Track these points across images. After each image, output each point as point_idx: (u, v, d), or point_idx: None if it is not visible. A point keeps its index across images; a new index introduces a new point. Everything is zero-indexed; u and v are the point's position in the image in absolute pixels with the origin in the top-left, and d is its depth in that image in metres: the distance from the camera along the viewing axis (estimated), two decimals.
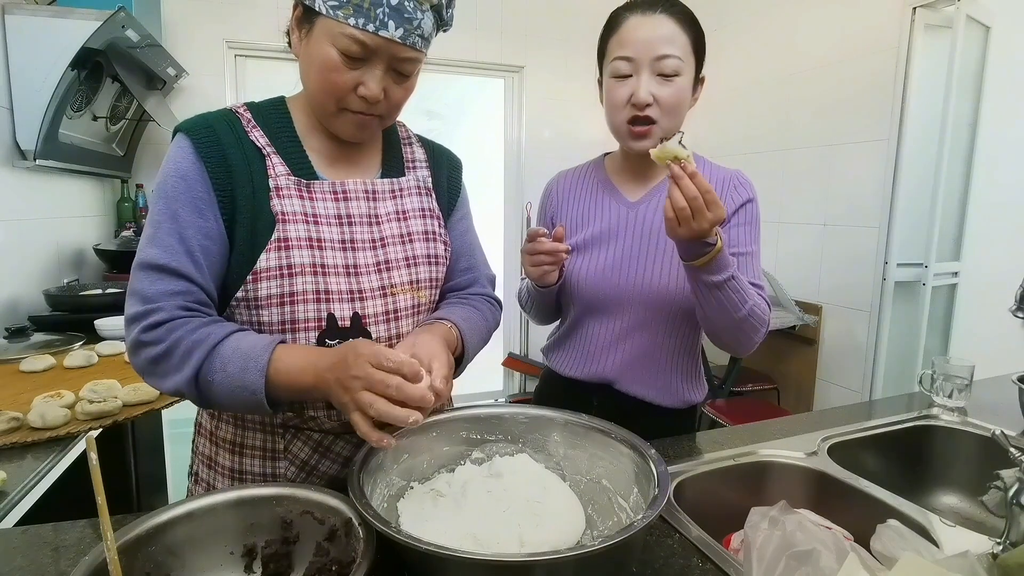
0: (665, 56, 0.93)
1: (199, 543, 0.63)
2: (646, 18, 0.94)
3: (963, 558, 0.60)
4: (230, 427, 0.85)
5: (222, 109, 0.82)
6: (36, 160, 1.93)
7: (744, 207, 1.04)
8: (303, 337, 0.79)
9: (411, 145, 0.95)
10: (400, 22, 0.72)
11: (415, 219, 0.89)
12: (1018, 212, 2.39)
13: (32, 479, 0.99)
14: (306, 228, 0.79)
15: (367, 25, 0.70)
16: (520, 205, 3.65)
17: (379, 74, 0.75)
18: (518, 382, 3.86)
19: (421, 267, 0.88)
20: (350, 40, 0.71)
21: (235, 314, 0.79)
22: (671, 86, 0.94)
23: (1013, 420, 1.17)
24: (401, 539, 0.53)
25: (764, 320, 0.97)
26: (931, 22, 2.41)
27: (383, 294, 0.84)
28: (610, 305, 1.07)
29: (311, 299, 0.78)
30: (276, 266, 0.77)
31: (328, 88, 0.76)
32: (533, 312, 1.21)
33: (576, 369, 1.13)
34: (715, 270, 0.88)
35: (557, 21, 3.51)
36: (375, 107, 0.78)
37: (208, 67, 2.91)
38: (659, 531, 0.77)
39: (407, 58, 0.75)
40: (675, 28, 0.94)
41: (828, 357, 2.84)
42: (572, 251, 1.08)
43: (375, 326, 0.83)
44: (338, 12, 0.71)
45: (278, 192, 0.78)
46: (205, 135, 0.77)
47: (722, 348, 1.04)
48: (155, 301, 0.72)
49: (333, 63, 0.73)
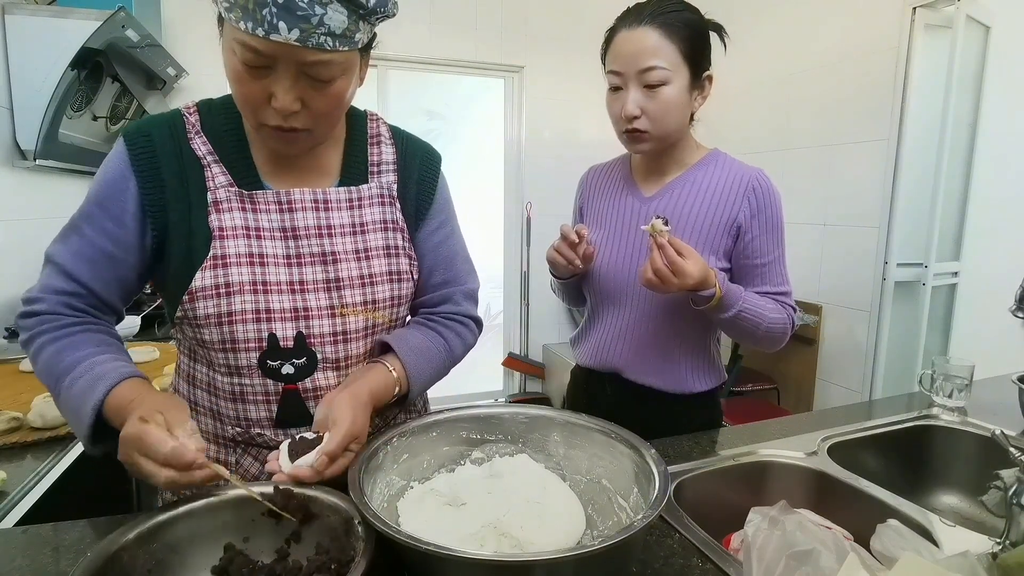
0: (650, 68, 0.95)
1: (200, 540, 0.63)
2: (632, 32, 0.97)
3: (963, 558, 0.60)
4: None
5: (173, 111, 0.79)
6: (36, 160, 1.93)
7: (758, 216, 1.02)
8: (244, 358, 0.76)
9: (379, 144, 0.86)
10: (293, 22, 0.61)
11: (374, 232, 0.82)
12: (1018, 212, 2.39)
13: (32, 479, 0.99)
14: (247, 243, 0.75)
15: (256, 29, 0.61)
16: (520, 205, 3.65)
17: (287, 83, 0.66)
18: (518, 382, 3.86)
19: (379, 286, 0.82)
20: (243, 47, 0.64)
21: (181, 331, 0.80)
22: (657, 97, 0.97)
23: (1013, 420, 1.17)
24: (401, 539, 0.53)
25: (783, 332, 1.04)
26: (931, 22, 2.41)
27: (332, 314, 0.79)
28: (621, 296, 1.11)
29: (250, 318, 0.75)
30: (212, 285, 0.74)
31: (240, 101, 0.70)
32: (562, 296, 1.27)
33: (591, 359, 1.17)
34: (722, 310, 0.97)
35: (557, 21, 3.51)
36: (293, 120, 0.69)
37: (208, 67, 2.89)
38: (659, 531, 0.77)
39: (315, 61, 0.65)
40: (660, 39, 0.95)
41: (828, 357, 2.84)
42: (595, 247, 1.12)
43: (321, 347, 0.78)
44: (230, 15, 0.63)
45: (217, 206, 0.75)
46: (142, 145, 0.74)
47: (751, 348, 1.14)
48: (42, 292, 0.75)
49: (238, 73, 0.67)
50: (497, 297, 3.85)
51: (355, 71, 0.73)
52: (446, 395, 3.33)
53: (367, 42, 0.72)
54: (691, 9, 1.00)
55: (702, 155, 1.08)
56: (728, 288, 0.96)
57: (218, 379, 0.79)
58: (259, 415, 0.79)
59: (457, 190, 0.96)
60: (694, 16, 0.99)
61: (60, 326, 0.74)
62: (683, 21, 0.97)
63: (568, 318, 3.82)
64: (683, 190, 1.06)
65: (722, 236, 1.03)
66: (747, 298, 0.98)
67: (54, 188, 2.20)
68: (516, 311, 3.78)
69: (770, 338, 1.03)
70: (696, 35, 0.98)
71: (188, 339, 0.80)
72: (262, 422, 0.79)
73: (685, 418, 1.11)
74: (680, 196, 1.06)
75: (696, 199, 1.04)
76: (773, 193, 1.04)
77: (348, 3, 0.64)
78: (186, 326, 0.77)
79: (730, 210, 1.02)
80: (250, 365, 0.77)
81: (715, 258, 1.04)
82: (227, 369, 0.78)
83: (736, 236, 1.03)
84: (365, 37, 0.70)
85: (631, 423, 0.80)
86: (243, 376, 0.78)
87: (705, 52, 1.01)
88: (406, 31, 3.16)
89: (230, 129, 0.78)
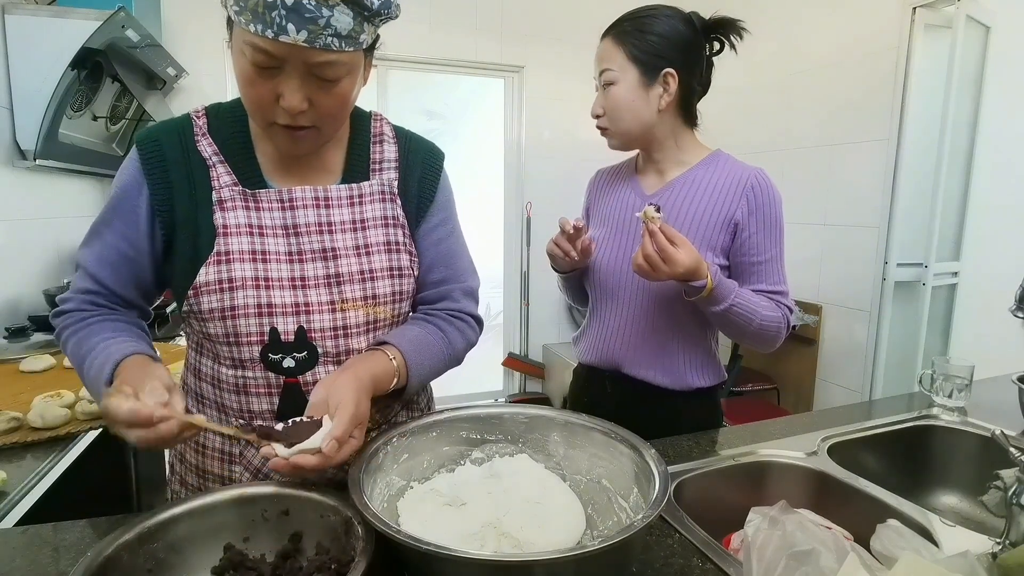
0: (602, 71, 1.07)
1: (200, 540, 0.63)
2: (600, 44, 1.10)
3: (963, 558, 0.60)
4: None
5: (183, 115, 0.82)
6: (36, 160, 1.93)
7: (755, 214, 1.03)
8: (247, 351, 0.78)
9: (382, 143, 0.88)
10: (302, 24, 0.64)
11: (375, 228, 0.84)
12: (1018, 212, 2.39)
13: (32, 479, 0.99)
14: (249, 240, 0.78)
15: (266, 31, 0.64)
16: (520, 205, 3.65)
17: (296, 83, 0.69)
18: (518, 382, 3.86)
19: (380, 281, 0.83)
20: (253, 48, 0.66)
21: (189, 325, 0.83)
22: (608, 95, 1.07)
23: (1013, 420, 1.17)
24: (401, 539, 0.53)
25: (777, 330, 1.04)
26: (931, 22, 2.41)
27: (332, 309, 0.80)
28: (619, 291, 1.12)
29: (252, 313, 0.77)
30: (216, 280, 0.76)
31: (250, 102, 0.72)
32: (566, 293, 1.29)
33: (591, 354, 1.18)
34: (713, 302, 0.97)
35: (557, 21, 3.51)
36: (301, 119, 0.72)
37: (208, 67, 2.90)
38: (659, 531, 0.77)
39: (323, 62, 0.68)
40: (611, 46, 1.06)
41: (828, 357, 2.84)
42: (593, 241, 1.14)
43: (322, 341, 0.80)
44: (241, 19, 0.65)
45: (221, 205, 0.78)
46: (151, 149, 0.78)
47: (747, 347, 1.13)
48: (71, 294, 0.82)
49: (248, 75, 0.69)
50: (497, 297, 3.85)
51: (360, 71, 0.75)
52: (446, 395, 3.33)
53: (371, 43, 0.74)
54: (659, 14, 1.03)
55: (704, 155, 1.11)
56: (721, 281, 0.97)
57: (223, 372, 0.81)
58: (261, 407, 0.81)
59: (457, 190, 0.96)
60: (657, 21, 1.03)
61: (83, 319, 0.80)
62: (637, 26, 1.03)
63: (568, 318, 3.82)
64: (683, 188, 1.08)
65: (720, 233, 1.04)
66: (740, 293, 0.99)
67: (54, 188, 2.20)
68: (516, 311, 3.78)
69: (763, 335, 1.03)
70: (653, 36, 1.02)
71: (195, 332, 0.83)
72: (264, 415, 0.81)
73: (686, 414, 1.12)
74: (680, 193, 1.08)
75: (696, 197, 1.06)
76: (772, 192, 1.05)
77: (353, 5, 0.66)
78: (193, 320, 0.81)
79: (728, 207, 1.04)
80: (252, 358, 0.79)
81: (713, 255, 1.04)
82: (231, 362, 0.80)
83: (734, 233, 1.05)
84: (369, 38, 0.72)
85: (632, 420, 0.80)
86: (246, 369, 0.80)
87: (665, 52, 1.02)
88: (406, 31, 3.16)
89: (236, 131, 0.81)
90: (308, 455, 0.63)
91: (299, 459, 0.62)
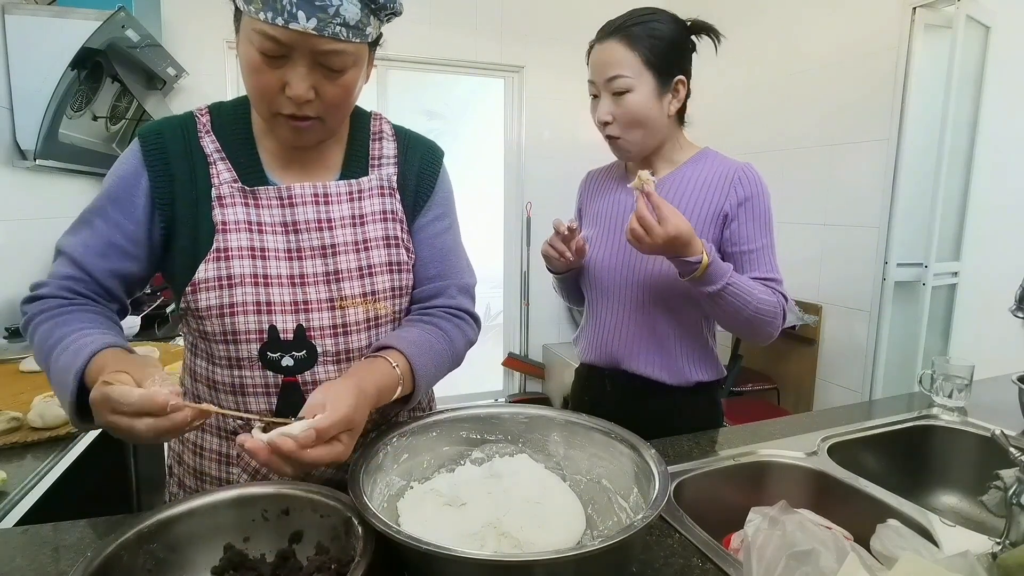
0: (614, 77, 1.02)
1: (200, 540, 0.63)
2: (602, 46, 1.04)
3: (963, 558, 0.60)
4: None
5: (186, 113, 0.82)
6: (36, 160, 1.93)
7: (744, 204, 1.04)
8: (245, 349, 0.78)
9: (381, 140, 0.88)
10: (312, 12, 0.65)
11: (374, 223, 0.83)
12: (1018, 212, 2.39)
13: (32, 479, 0.99)
14: (248, 237, 0.77)
15: (276, 18, 0.65)
16: (520, 205, 3.65)
17: (303, 71, 0.69)
18: (518, 382, 3.86)
19: (379, 276, 0.82)
20: (262, 36, 0.67)
21: (186, 324, 0.82)
22: (623, 103, 1.03)
23: (1013, 420, 1.17)
24: (401, 539, 0.53)
25: (774, 315, 1.01)
26: (931, 22, 2.41)
27: (331, 307, 0.80)
28: (614, 288, 1.13)
29: (251, 310, 0.77)
30: (215, 277, 0.76)
31: (255, 91, 0.72)
32: (561, 293, 1.29)
33: (591, 352, 1.19)
34: (708, 282, 0.95)
35: (557, 21, 3.51)
36: (307, 108, 0.72)
37: (208, 67, 2.91)
38: (659, 531, 0.77)
39: (330, 51, 0.69)
40: (624, 50, 1.01)
41: (828, 357, 2.84)
42: (587, 242, 1.14)
43: (321, 340, 0.79)
44: (250, 7, 0.66)
45: (220, 201, 0.77)
46: (154, 142, 0.78)
47: (742, 338, 1.08)
48: (50, 278, 0.78)
49: (255, 63, 0.69)
50: (497, 297, 3.85)
51: (364, 64, 0.76)
52: (446, 395, 3.33)
53: (375, 38, 0.75)
54: (662, 18, 1.03)
55: (692, 153, 1.12)
56: (716, 260, 0.95)
57: (217, 372, 0.81)
58: (259, 407, 0.80)
59: (457, 190, 0.96)
60: (663, 25, 1.02)
61: (57, 306, 0.76)
62: (648, 31, 1.01)
63: (568, 318, 3.82)
64: (673, 185, 1.09)
65: (712, 227, 1.05)
66: (736, 275, 0.97)
67: (54, 188, 2.20)
68: (516, 311, 3.78)
69: (759, 322, 1.00)
70: (663, 43, 1.01)
71: (192, 332, 0.82)
72: (263, 415, 0.80)
73: (686, 410, 1.12)
74: (670, 191, 1.08)
75: (686, 193, 1.07)
76: (760, 183, 1.06)
77: None
78: (190, 318, 0.80)
79: (718, 200, 1.05)
80: (251, 357, 0.78)
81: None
82: (228, 361, 0.79)
83: (723, 225, 1.05)
84: (375, 32, 0.74)
85: (632, 417, 0.80)
86: (244, 368, 0.79)
87: (674, 58, 1.03)
88: (406, 31, 3.16)
89: (238, 128, 0.82)
90: (286, 439, 0.59)
91: (277, 440, 0.59)
